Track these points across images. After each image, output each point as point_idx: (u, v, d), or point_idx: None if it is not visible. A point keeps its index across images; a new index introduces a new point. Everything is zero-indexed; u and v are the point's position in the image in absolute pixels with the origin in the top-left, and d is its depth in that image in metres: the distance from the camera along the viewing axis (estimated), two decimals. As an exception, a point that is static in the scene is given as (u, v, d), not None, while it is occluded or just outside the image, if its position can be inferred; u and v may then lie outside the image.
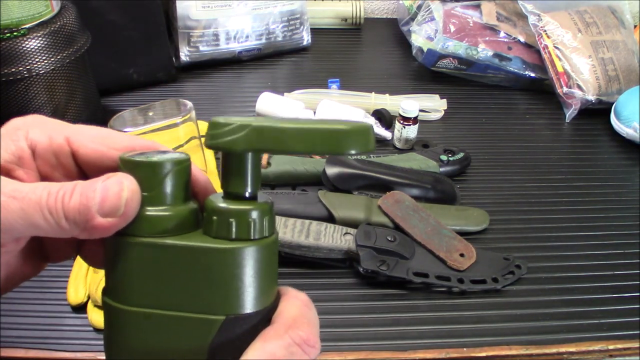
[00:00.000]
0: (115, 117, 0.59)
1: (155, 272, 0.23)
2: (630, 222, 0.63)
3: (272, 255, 0.25)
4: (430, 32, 0.88)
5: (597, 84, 0.80)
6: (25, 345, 0.48)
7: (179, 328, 0.23)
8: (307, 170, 0.64)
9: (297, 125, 0.23)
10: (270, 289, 0.25)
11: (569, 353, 0.49)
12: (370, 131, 0.23)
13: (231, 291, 0.23)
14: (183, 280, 0.23)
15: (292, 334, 0.23)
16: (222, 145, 0.23)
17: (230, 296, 0.23)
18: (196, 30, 0.89)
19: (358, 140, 0.23)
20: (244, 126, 0.23)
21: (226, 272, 0.23)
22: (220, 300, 0.23)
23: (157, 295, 0.23)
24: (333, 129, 0.23)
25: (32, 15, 0.61)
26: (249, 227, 0.24)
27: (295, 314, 0.24)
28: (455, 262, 0.54)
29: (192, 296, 0.23)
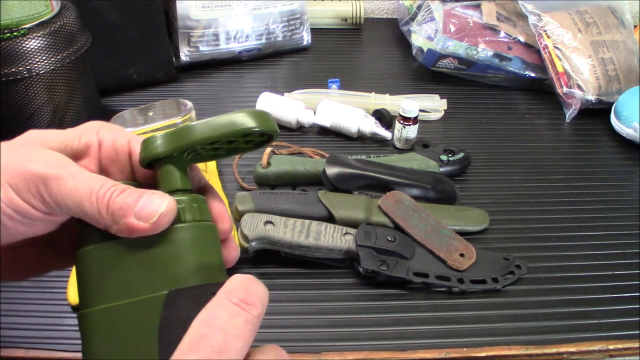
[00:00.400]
0: (115, 117, 0.59)
1: (106, 271, 0.26)
2: (630, 222, 0.63)
3: (206, 238, 0.27)
4: (430, 32, 0.88)
5: (597, 84, 0.80)
6: (25, 345, 0.48)
7: (132, 313, 0.25)
8: (307, 170, 0.64)
9: (203, 120, 0.27)
10: (210, 267, 0.27)
11: (569, 353, 0.49)
12: (266, 114, 0.28)
13: (171, 268, 0.25)
14: (130, 270, 0.25)
15: (230, 296, 0.24)
16: (149, 155, 0.28)
17: (170, 272, 0.25)
18: (196, 30, 0.89)
19: (252, 119, 0.27)
20: (162, 135, 0.27)
21: (164, 252, 0.26)
22: (163, 278, 0.25)
23: (111, 291, 0.25)
24: (229, 114, 0.27)
25: (32, 15, 0.61)
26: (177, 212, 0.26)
27: (234, 283, 0.25)
28: (455, 262, 0.54)
29: (140, 282, 0.25)
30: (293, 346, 0.48)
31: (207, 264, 0.27)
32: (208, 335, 0.22)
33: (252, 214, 0.55)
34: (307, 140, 0.76)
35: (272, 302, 0.52)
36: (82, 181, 0.25)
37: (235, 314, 0.23)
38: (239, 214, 0.57)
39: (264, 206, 0.57)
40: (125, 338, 0.25)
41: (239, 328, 0.23)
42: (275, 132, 0.29)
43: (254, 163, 0.67)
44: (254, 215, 0.55)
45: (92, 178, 0.26)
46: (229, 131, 0.27)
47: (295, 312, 0.52)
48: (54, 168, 0.25)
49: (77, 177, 0.25)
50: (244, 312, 0.23)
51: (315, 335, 0.50)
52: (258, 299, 0.24)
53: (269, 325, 0.50)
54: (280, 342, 0.48)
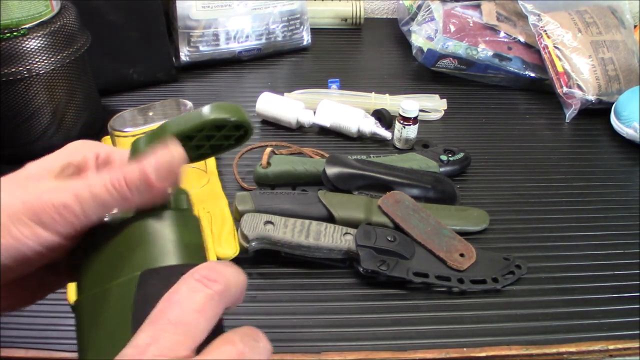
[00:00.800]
0: (115, 117, 0.59)
1: (93, 261, 0.27)
2: (630, 222, 0.63)
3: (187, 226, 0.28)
4: (430, 32, 0.88)
5: (597, 84, 0.80)
6: (25, 345, 0.48)
7: (112, 296, 0.25)
8: (307, 170, 0.64)
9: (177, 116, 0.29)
10: (185, 249, 0.27)
11: (569, 353, 0.49)
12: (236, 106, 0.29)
13: (145, 250, 0.26)
14: (112, 257, 0.26)
15: (194, 274, 0.24)
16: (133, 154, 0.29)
17: (146, 255, 0.26)
18: (196, 30, 0.89)
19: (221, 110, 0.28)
20: (145, 135, 0.29)
21: (142, 237, 0.26)
22: (140, 261, 0.26)
23: (95, 279, 0.26)
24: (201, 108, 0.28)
25: (32, 15, 0.61)
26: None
27: (202, 264, 0.25)
28: (455, 262, 0.54)
29: (121, 266, 0.26)
30: (293, 346, 0.48)
31: (183, 247, 0.27)
32: (166, 309, 0.23)
33: (252, 214, 0.55)
34: (307, 140, 0.76)
35: (272, 302, 0.52)
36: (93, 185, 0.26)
37: (195, 289, 0.23)
38: (239, 214, 0.57)
39: (264, 206, 0.57)
40: (106, 320, 0.25)
41: (198, 303, 0.23)
42: (248, 123, 0.29)
43: (254, 163, 0.67)
44: (254, 215, 0.55)
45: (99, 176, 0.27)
46: (198, 123, 0.28)
47: (295, 312, 0.52)
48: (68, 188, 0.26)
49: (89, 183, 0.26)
50: (204, 287, 0.24)
51: (315, 335, 0.50)
52: (222, 276, 0.24)
53: (269, 325, 0.50)
54: (280, 342, 0.49)
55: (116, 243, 0.27)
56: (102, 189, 0.26)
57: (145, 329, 0.23)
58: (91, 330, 0.26)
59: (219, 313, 0.24)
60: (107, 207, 0.26)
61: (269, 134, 0.77)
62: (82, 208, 0.26)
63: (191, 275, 0.24)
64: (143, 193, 0.26)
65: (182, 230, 0.27)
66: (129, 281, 0.25)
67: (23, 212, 0.25)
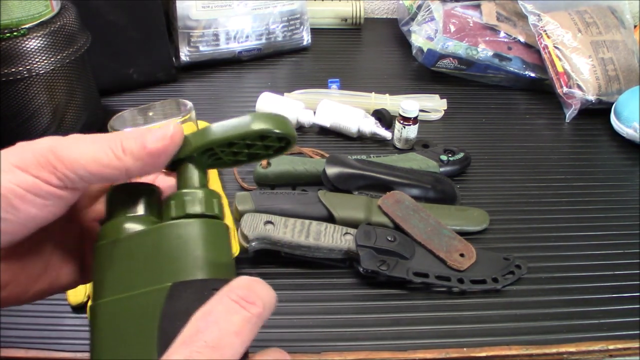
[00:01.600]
0: (115, 117, 0.59)
1: (118, 264, 0.26)
2: (630, 222, 0.63)
3: (217, 234, 0.27)
4: (430, 32, 0.88)
5: (597, 84, 0.80)
6: (25, 345, 0.48)
7: (137, 304, 0.25)
8: (307, 170, 0.64)
9: (221, 122, 0.28)
10: (218, 264, 0.26)
11: (569, 353, 0.49)
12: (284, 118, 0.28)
13: (177, 261, 0.25)
14: (139, 263, 0.26)
15: (230, 293, 0.23)
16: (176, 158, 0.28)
17: (176, 266, 0.25)
18: (196, 30, 0.89)
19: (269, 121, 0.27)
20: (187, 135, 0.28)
21: (172, 246, 0.26)
22: (169, 271, 0.25)
23: (119, 283, 0.25)
24: (247, 116, 0.28)
25: (32, 15, 0.61)
26: (184, 205, 0.27)
27: (237, 281, 0.24)
28: (455, 262, 0.54)
29: (147, 274, 0.25)
30: (293, 346, 0.48)
31: (215, 260, 0.26)
32: (203, 330, 0.22)
33: (252, 214, 0.55)
34: (307, 140, 0.76)
35: (272, 302, 0.52)
36: (89, 140, 0.26)
37: (233, 311, 0.23)
38: (239, 214, 0.57)
39: (264, 206, 0.57)
40: (128, 329, 0.24)
41: (236, 325, 0.22)
42: (293, 137, 0.29)
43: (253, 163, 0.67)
44: (254, 215, 0.55)
45: (96, 137, 0.26)
46: (245, 132, 0.27)
47: (295, 312, 0.52)
48: (60, 139, 0.25)
49: (82, 139, 0.26)
50: (242, 309, 0.23)
51: (315, 335, 0.50)
52: (259, 298, 0.24)
53: (269, 325, 0.50)
54: (280, 342, 0.49)
55: (144, 248, 0.26)
56: (96, 145, 0.25)
57: (179, 350, 0.22)
58: (110, 338, 0.25)
59: (254, 335, 0.23)
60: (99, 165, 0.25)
61: (269, 134, 0.77)
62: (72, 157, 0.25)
63: (227, 295, 0.23)
64: (136, 154, 0.26)
65: (213, 241, 0.27)
66: (158, 291, 0.24)
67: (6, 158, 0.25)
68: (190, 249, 0.26)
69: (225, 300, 0.23)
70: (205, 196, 0.27)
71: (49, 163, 0.25)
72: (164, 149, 0.26)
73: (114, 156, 0.25)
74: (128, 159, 0.25)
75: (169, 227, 0.26)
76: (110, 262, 0.26)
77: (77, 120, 0.69)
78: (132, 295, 0.25)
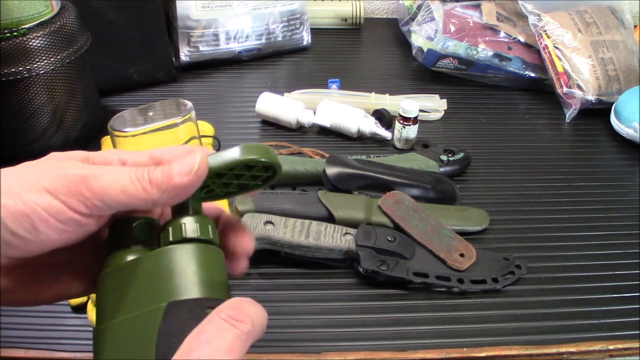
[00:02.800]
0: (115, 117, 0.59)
1: (119, 289, 0.27)
2: (630, 222, 0.63)
3: (210, 258, 0.28)
4: (430, 32, 0.88)
5: (597, 84, 0.80)
6: (25, 345, 0.48)
7: (136, 325, 0.26)
8: (307, 170, 0.64)
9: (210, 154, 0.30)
10: (210, 283, 0.27)
11: (569, 353, 0.49)
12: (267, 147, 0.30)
13: (172, 282, 0.26)
14: (138, 286, 0.27)
15: (220, 313, 0.24)
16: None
17: (172, 287, 0.26)
18: (196, 30, 0.89)
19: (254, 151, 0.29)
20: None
21: (168, 268, 0.27)
22: (165, 292, 0.26)
23: (121, 306, 0.27)
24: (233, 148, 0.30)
25: (32, 15, 0.61)
26: (180, 231, 0.28)
27: (228, 302, 0.25)
28: (455, 262, 0.54)
29: (146, 296, 0.26)
30: (293, 346, 0.48)
31: (209, 281, 0.27)
32: (195, 349, 0.23)
33: (252, 214, 0.55)
34: (307, 140, 0.76)
35: (272, 302, 0.52)
36: (118, 171, 0.27)
37: (223, 329, 0.24)
38: (239, 214, 0.57)
39: (264, 206, 0.57)
40: (129, 349, 0.25)
41: (226, 342, 0.23)
42: (278, 166, 0.30)
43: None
44: (254, 215, 0.55)
45: (124, 168, 0.27)
46: (231, 161, 0.29)
47: (295, 312, 0.52)
48: (91, 168, 0.26)
49: (111, 170, 0.27)
50: (232, 327, 0.24)
51: (315, 335, 0.50)
52: (248, 316, 0.25)
53: (269, 325, 0.49)
54: (280, 342, 0.49)
55: (143, 273, 0.27)
56: (125, 176, 0.26)
57: None
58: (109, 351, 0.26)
59: (244, 352, 0.24)
60: (127, 196, 0.26)
61: (269, 134, 0.77)
62: (102, 188, 0.26)
63: (217, 314, 0.24)
64: (164, 187, 0.27)
65: (206, 264, 0.28)
66: (155, 311, 0.25)
67: (38, 180, 0.25)
68: (185, 270, 0.27)
69: (215, 319, 0.24)
70: (200, 222, 0.29)
71: (79, 192, 0.25)
72: (189, 183, 0.27)
73: (141, 188, 0.26)
74: (155, 191, 0.27)
75: (165, 251, 0.27)
76: (112, 288, 0.28)
77: (77, 120, 0.69)
78: (132, 317, 0.26)
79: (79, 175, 0.26)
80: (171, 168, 0.27)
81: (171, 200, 0.27)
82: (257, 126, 0.79)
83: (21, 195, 0.25)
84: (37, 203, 0.25)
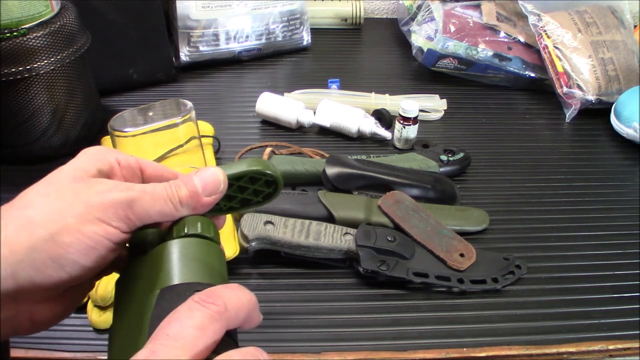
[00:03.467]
0: (115, 117, 0.59)
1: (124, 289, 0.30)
2: (630, 222, 0.63)
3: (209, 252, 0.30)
4: (430, 32, 0.88)
5: (597, 84, 0.80)
6: (25, 345, 0.48)
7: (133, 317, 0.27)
8: (307, 170, 0.64)
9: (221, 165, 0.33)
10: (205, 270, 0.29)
11: (569, 353, 0.49)
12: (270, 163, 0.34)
13: (167, 270, 0.28)
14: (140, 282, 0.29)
15: (194, 297, 0.25)
16: None
17: (166, 274, 0.28)
18: (196, 30, 0.89)
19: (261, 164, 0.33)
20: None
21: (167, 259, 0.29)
22: (160, 280, 0.28)
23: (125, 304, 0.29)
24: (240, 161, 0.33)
25: (32, 15, 0.61)
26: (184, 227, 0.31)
27: (209, 288, 0.27)
28: (455, 262, 0.54)
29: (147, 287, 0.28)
30: (293, 346, 0.48)
31: (203, 268, 0.29)
32: (165, 326, 0.24)
33: (252, 214, 0.55)
34: (307, 140, 0.76)
35: (272, 302, 0.52)
36: (153, 193, 0.30)
37: (194, 308, 0.25)
38: (239, 214, 0.57)
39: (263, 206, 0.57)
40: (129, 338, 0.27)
41: (196, 319, 0.24)
42: (281, 183, 0.34)
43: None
44: (254, 215, 0.55)
45: (155, 187, 0.30)
46: (239, 171, 0.32)
47: (295, 312, 0.52)
48: (130, 192, 0.29)
49: (147, 191, 0.30)
50: (202, 307, 0.25)
51: (315, 335, 0.50)
52: (220, 299, 0.25)
53: (270, 325, 0.50)
54: (281, 342, 0.49)
55: (145, 269, 0.29)
56: (160, 197, 0.30)
57: (147, 346, 0.23)
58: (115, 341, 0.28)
59: (218, 331, 0.25)
60: (163, 216, 0.30)
61: (269, 134, 0.77)
62: (143, 210, 0.29)
63: (192, 298, 0.25)
64: (192, 206, 0.31)
65: (205, 255, 0.30)
66: (151, 297, 0.27)
67: (89, 212, 0.28)
68: (182, 258, 0.29)
69: (188, 301, 0.25)
70: (202, 222, 0.31)
71: (127, 216, 0.29)
72: (214, 200, 0.32)
73: (173, 208, 0.30)
74: (184, 210, 0.31)
75: (165, 245, 0.29)
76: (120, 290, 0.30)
77: (77, 120, 0.69)
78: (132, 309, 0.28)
79: (127, 202, 0.29)
80: (197, 186, 0.31)
81: (193, 213, 0.31)
82: (257, 126, 0.79)
83: (81, 230, 0.28)
84: (97, 233, 0.28)
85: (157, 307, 0.26)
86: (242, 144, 0.73)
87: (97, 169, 0.31)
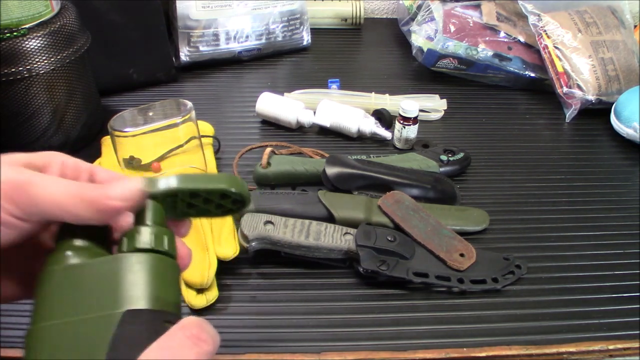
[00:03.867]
0: (115, 117, 0.59)
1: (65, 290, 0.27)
2: (630, 222, 0.63)
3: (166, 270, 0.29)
4: (430, 32, 0.88)
5: (597, 84, 0.80)
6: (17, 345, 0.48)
7: (86, 328, 0.25)
8: (307, 170, 0.64)
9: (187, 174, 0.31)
10: (167, 298, 0.28)
11: (569, 353, 0.49)
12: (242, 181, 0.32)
13: (127, 290, 0.26)
14: (88, 290, 0.27)
15: (184, 331, 0.25)
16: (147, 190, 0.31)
17: (126, 293, 0.26)
18: (196, 30, 0.89)
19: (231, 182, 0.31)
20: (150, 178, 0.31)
21: (125, 275, 0.27)
22: (119, 298, 0.26)
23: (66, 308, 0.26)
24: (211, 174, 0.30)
25: (32, 15, 0.61)
26: (134, 240, 0.29)
27: (189, 320, 0.26)
28: (455, 262, 0.54)
29: (96, 301, 0.26)
30: (293, 346, 0.48)
31: (163, 294, 0.27)
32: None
33: (252, 214, 0.55)
34: (307, 140, 0.76)
35: (272, 302, 0.52)
36: (56, 184, 0.28)
37: (188, 347, 0.24)
38: (239, 214, 0.57)
39: (263, 206, 0.57)
40: (75, 351, 0.25)
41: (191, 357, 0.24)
42: (248, 200, 0.32)
43: (254, 163, 0.67)
44: (254, 215, 0.55)
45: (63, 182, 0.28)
46: (211, 187, 0.31)
47: (295, 312, 0.52)
48: (23, 175, 0.28)
49: (44, 179, 0.28)
50: (194, 346, 0.24)
51: (315, 335, 0.50)
52: (210, 337, 0.25)
53: (269, 325, 0.50)
54: (281, 342, 0.49)
55: (94, 277, 0.27)
56: (58, 188, 0.28)
57: None
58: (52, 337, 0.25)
59: None
60: (61, 209, 0.27)
61: (269, 134, 0.77)
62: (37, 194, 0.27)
63: (182, 331, 0.25)
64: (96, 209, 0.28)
65: (161, 275, 0.28)
66: (109, 317, 0.25)
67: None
68: (140, 280, 0.27)
69: (179, 336, 0.25)
70: (156, 233, 0.29)
71: (18, 197, 0.27)
72: (121, 208, 0.29)
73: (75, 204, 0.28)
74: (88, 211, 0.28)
75: (119, 258, 0.28)
76: (58, 287, 0.27)
77: (77, 120, 0.69)
78: (80, 319, 0.25)
79: (14, 182, 0.27)
80: (108, 190, 0.28)
81: (103, 219, 0.28)
82: (257, 126, 0.79)
83: None
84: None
85: (121, 329, 0.25)
86: (242, 144, 0.73)
87: (28, 161, 0.30)
